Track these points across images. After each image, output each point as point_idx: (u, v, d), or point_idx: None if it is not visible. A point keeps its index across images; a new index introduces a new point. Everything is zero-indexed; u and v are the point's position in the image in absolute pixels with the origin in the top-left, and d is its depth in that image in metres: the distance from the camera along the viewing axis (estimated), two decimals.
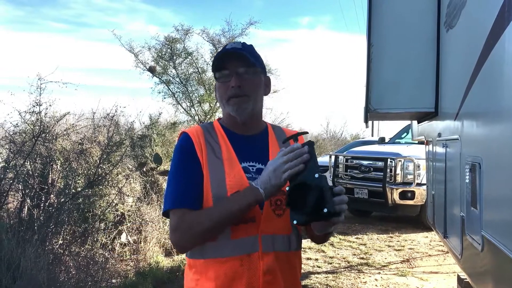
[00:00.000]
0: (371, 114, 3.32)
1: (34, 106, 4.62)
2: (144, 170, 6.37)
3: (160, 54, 11.25)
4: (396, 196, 7.33)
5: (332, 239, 6.33)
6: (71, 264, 4.13)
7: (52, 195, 4.69)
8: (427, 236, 6.99)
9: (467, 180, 2.18)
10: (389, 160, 7.50)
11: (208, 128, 1.43)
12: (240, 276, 1.28)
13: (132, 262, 4.96)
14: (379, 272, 5.12)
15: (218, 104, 1.61)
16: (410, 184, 7.27)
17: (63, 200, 4.59)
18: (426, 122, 3.76)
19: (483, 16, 1.98)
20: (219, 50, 1.43)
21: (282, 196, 1.30)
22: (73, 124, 5.59)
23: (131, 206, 5.55)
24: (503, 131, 1.66)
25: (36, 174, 4.68)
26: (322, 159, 10.72)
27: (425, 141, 4.11)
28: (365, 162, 7.95)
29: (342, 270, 5.18)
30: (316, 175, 1.18)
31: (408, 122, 7.30)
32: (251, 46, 1.45)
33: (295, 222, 1.18)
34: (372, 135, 21.64)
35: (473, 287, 2.66)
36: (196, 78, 11.43)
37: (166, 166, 6.68)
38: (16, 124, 4.73)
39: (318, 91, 54.77)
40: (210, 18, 48.63)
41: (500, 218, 1.74)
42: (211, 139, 1.39)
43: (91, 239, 4.72)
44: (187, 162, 1.35)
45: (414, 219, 7.62)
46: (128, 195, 5.62)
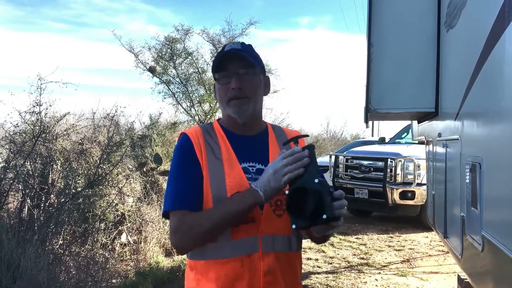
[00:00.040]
0: (371, 114, 3.32)
1: (34, 106, 4.62)
2: (144, 170, 6.37)
3: (160, 54, 11.25)
4: (396, 196, 7.33)
5: (332, 239, 6.33)
6: (71, 264, 4.13)
7: (52, 195, 4.69)
8: (427, 236, 6.98)
9: (468, 180, 2.18)
10: (389, 160, 7.49)
11: (207, 128, 1.43)
12: (241, 276, 1.28)
13: (132, 262, 4.96)
14: (379, 272, 5.12)
15: (218, 104, 1.61)
16: (410, 184, 7.27)
17: (63, 200, 4.59)
18: (426, 122, 3.76)
19: (483, 16, 1.98)
20: (219, 51, 1.42)
21: (282, 197, 1.29)
22: (73, 124, 5.59)
23: (131, 206, 5.54)
24: (504, 131, 1.66)
25: (36, 174, 4.68)
26: (322, 159, 10.72)
27: (425, 141, 4.11)
28: (365, 162, 7.95)
29: (342, 270, 5.18)
30: (316, 180, 1.18)
31: (408, 122, 7.30)
32: (250, 46, 1.45)
33: (294, 227, 1.18)
34: (372, 135, 21.65)
35: (473, 287, 2.66)
36: (196, 78, 11.43)
37: (166, 166, 6.67)
38: (16, 124, 4.74)
39: (318, 91, 54.83)
40: (210, 18, 48.69)
41: (501, 218, 1.74)
42: (210, 139, 1.39)
43: (91, 239, 4.72)
44: (187, 163, 1.34)
45: (414, 219, 7.62)
46: (128, 195, 5.62)
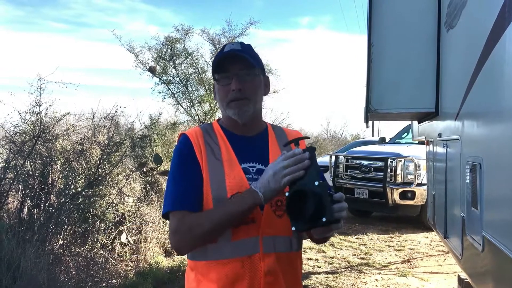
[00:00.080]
0: (371, 114, 3.32)
1: (34, 106, 4.62)
2: (144, 170, 6.37)
3: (160, 54, 11.24)
4: (396, 196, 7.33)
5: (332, 239, 6.33)
6: (71, 265, 4.13)
7: (52, 195, 4.69)
8: (427, 236, 6.98)
9: (468, 180, 2.18)
10: (389, 160, 7.49)
11: (207, 129, 1.43)
12: (242, 277, 1.27)
13: (132, 262, 4.96)
14: (380, 272, 5.12)
15: (217, 105, 1.60)
16: (410, 184, 7.27)
17: (63, 200, 4.59)
18: (427, 122, 3.76)
19: (483, 16, 1.98)
20: (218, 51, 1.42)
21: (283, 197, 1.29)
22: (73, 124, 5.59)
23: (131, 207, 5.54)
24: (504, 131, 1.66)
25: (36, 174, 4.68)
26: (322, 159, 10.72)
27: (425, 141, 4.11)
28: (365, 162, 7.94)
29: (343, 270, 5.18)
30: (316, 183, 1.17)
31: (408, 122, 7.30)
32: (249, 46, 1.44)
33: (293, 229, 1.18)
34: (373, 135, 21.67)
35: (473, 287, 2.65)
36: (196, 78, 11.43)
37: (166, 166, 6.67)
38: (16, 124, 4.73)
39: (318, 91, 54.82)
40: (210, 18, 48.70)
41: (501, 218, 1.74)
42: (210, 140, 1.38)
43: (91, 239, 4.72)
44: (187, 164, 1.34)
45: (414, 219, 7.62)
46: (128, 195, 5.62)
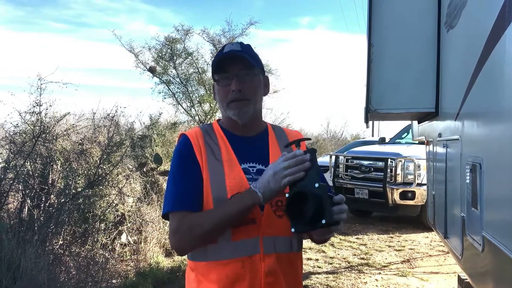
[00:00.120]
0: (371, 114, 3.32)
1: (34, 107, 4.62)
2: (144, 170, 6.37)
3: (160, 54, 11.24)
4: (396, 196, 7.33)
5: (332, 239, 6.33)
6: (72, 265, 4.12)
7: (52, 196, 4.69)
8: (427, 237, 6.98)
9: (468, 181, 2.18)
10: (389, 160, 7.49)
11: (207, 129, 1.43)
12: (242, 278, 1.27)
13: (132, 262, 4.96)
14: (380, 273, 5.12)
15: (217, 105, 1.60)
16: (410, 184, 7.27)
17: (63, 200, 4.59)
18: (427, 122, 3.76)
19: (483, 17, 1.98)
20: (218, 52, 1.41)
21: (283, 197, 1.28)
22: (73, 124, 5.59)
23: (131, 207, 5.54)
24: (504, 131, 1.66)
25: (36, 175, 4.68)
26: (323, 159, 10.71)
27: (425, 141, 4.11)
28: (365, 162, 7.94)
29: (343, 270, 5.18)
30: (316, 185, 1.17)
31: (408, 122, 7.30)
32: (249, 46, 1.44)
33: (293, 230, 1.18)
34: (373, 135, 21.66)
35: (473, 287, 2.65)
36: (197, 78, 11.42)
37: (166, 166, 6.67)
38: (16, 124, 4.73)
39: (318, 91, 54.82)
40: (210, 18, 48.72)
41: (501, 218, 1.74)
42: (210, 141, 1.38)
43: (91, 240, 4.72)
44: (187, 164, 1.34)
45: (414, 219, 7.61)
46: (128, 196, 5.62)
